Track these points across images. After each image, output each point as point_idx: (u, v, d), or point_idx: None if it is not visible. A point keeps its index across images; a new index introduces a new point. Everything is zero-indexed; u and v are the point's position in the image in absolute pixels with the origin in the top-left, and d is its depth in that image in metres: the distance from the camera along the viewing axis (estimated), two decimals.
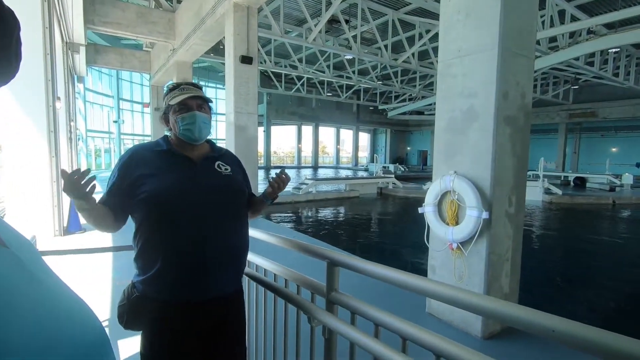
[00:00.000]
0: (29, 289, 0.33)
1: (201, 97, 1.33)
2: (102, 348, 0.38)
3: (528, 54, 2.78)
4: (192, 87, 1.33)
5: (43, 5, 4.88)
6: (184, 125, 1.28)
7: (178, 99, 1.29)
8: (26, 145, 5.01)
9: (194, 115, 1.29)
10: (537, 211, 13.34)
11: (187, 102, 1.29)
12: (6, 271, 0.32)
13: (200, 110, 1.31)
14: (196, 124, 1.29)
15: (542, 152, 23.59)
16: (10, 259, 0.34)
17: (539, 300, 5.24)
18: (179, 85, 1.33)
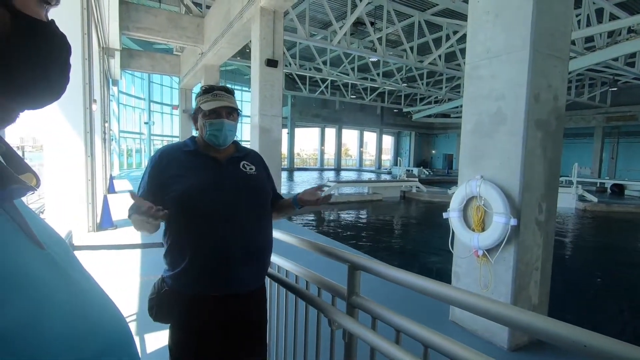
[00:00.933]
0: (63, 289, 0.35)
1: (231, 106, 1.34)
2: (125, 343, 0.40)
3: (562, 55, 2.67)
4: (225, 94, 1.35)
5: (83, 14, 5.16)
6: (211, 130, 1.32)
7: (210, 106, 1.31)
8: (65, 145, 5.30)
9: (222, 123, 1.32)
10: (570, 219, 12.72)
11: (217, 110, 1.32)
12: (43, 273, 0.34)
13: (228, 118, 1.33)
14: (222, 131, 1.32)
15: (575, 157, 22.49)
16: (46, 260, 0.36)
17: (571, 313, 5.00)
18: (212, 89, 1.35)
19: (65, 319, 0.32)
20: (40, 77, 0.37)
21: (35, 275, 0.32)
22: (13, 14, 0.34)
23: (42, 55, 0.37)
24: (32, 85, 0.37)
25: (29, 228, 0.36)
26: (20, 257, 0.32)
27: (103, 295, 0.42)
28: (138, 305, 3.11)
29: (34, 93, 0.38)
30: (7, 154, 0.40)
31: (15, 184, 0.34)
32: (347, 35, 11.59)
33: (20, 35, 0.34)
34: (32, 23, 0.36)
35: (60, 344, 0.30)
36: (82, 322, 0.34)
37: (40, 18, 0.37)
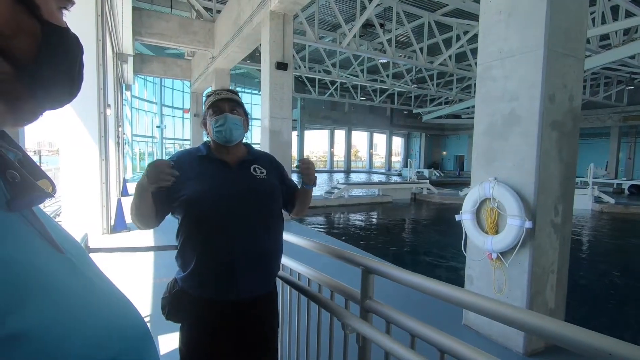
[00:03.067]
0: (82, 291, 0.36)
1: (233, 100, 1.37)
2: (145, 343, 0.40)
3: (577, 54, 2.62)
4: (226, 92, 1.39)
5: (97, 21, 5.28)
6: (216, 126, 1.33)
7: (211, 102, 1.36)
8: (80, 149, 5.42)
9: (225, 117, 1.33)
10: (587, 221, 12.43)
11: (219, 104, 1.35)
12: (63, 276, 0.34)
13: (232, 113, 1.35)
14: (226, 124, 1.33)
15: (591, 157, 21.99)
16: (65, 264, 0.37)
17: (590, 319, 4.88)
18: (215, 92, 1.40)
19: (86, 320, 0.33)
20: (62, 79, 0.39)
21: (55, 278, 0.33)
22: (43, 24, 0.36)
23: (65, 59, 0.39)
24: (55, 87, 0.39)
25: (47, 233, 0.37)
26: (40, 261, 0.33)
27: (121, 296, 0.43)
28: (151, 307, 3.15)
29: (56, 94, 0.40)
30: (23, 161, 0.41)
31: (34, 192, 0.34)
32: (356, 37, 11.58)
33: (48, 43, 0.36)
34: (58, 31, 0.37)
35: (81, 345, 0.30)
36: (102, 323, 0.35)
37: (62, 25, 0.39)
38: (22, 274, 0.29)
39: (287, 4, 6.72)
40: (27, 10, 0.34)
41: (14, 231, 0.32)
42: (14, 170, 0.33)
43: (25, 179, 0.34)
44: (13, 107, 0.37)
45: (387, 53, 12.47)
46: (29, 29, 0.35)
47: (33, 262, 0.31)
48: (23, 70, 0.35)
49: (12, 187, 0.33)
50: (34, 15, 0.35)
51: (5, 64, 0.34)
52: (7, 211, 0.32)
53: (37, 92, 0.37)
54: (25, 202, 0.34)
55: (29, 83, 0.36)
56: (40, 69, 0.36)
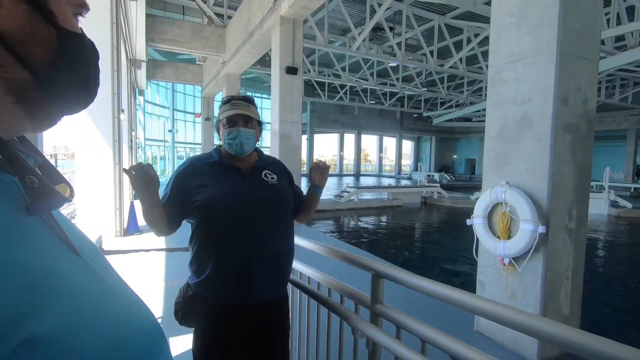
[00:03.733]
0: (99, 293, 0.37)
1: (247, 115, 1.37)
2: (160, 345, 0.41)
3: (591, 56, 2.58)
4: (243, 103, 1.38)
5: (112, 28, 5.40)
6: (229, 139, 1.35)
7: (226, 114, 1.36)
8: (94, 153, 5.53)
9: (238, 131, 1.34)
10: (603, 226, 12.13)
11: (234, 118, 1.35)
12: (80, 279, 0.35)
13: (246, 126, 1.36)
14: (238, 139, 1.34)
15: (607, 160, 21.49)
16: (83, 266, 0.38)
17: (605, 327, 4.75)
18: (231, 100, 1.39)
19: (103, 323, 0.33)
20: (79, 85, 0.40)
21: (73, 281, 0.33)
22: (58, 31, 0.37)
23: (80, 65, 0.40)
24: (72, 92, 0.40)
25: (66, 236, 0.38)
26: (58, 265, 0.33)
27: (136, 299, 0.43)
28: (163, 309, 3.19)
29: (73, 99, 0.41)
30: (43, 165, 0.42)
31: (53, 196, 0.35)
32: (366, 41, 11.59)
33: (64, 49, 0.37)
34: (73, 37, 0.38)
35: (98, 348, 0.31)
36: (118, 325, 0.35)
37: (78, 31, 0.40)
38: (40, 278, 0.29)
39: (297, 9, 6.77)
40: (42, 17, 0.35)
41: (33, 235, 0.33)
42: (33, 176, 0.34)
43: (44, 184, 0.35)
44: (32, 113, 0.38)
45: (397, 56, 12.45)
46: (44, 35, 0.36)
47: (51, 266, 0.32)
48: (40, 76, 0.36)
49: (31, 191, 0.34)
50: (50, 22, 0.36)
51: (23, 71, 0.35)
52: (27, 215, 0.33)
53: (54, 98, 0.38)
54: (43, 206, 0.34)
55: (46, 88, 0.37)
56: (56, 74, 0.37)
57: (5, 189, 0.33)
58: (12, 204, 0.33)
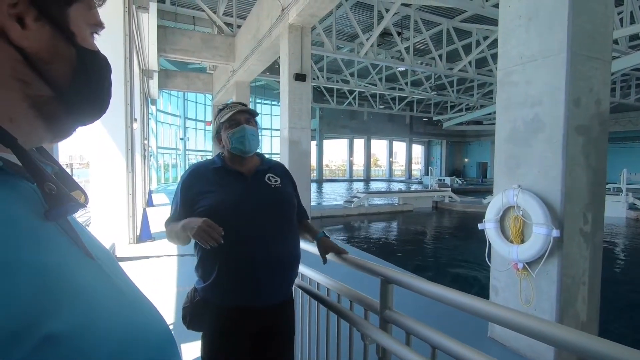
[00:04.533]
0: (112, 297, 0.38)
1: (248, 112, 1.42)
2: (171, 349, 0.42)
3: (603, 57, 2.54)
4: (239, 105, 1.44)
5: (125, 40, 5.55)
6: (235, 138, 1.37)
7: (228, 116, 1.39)
8: (108, 162, 5.65)
9: (244, 129, 1.37)
10: (621, 229, 11.80)
11: (235, 117, 1.39)
12: (94, 282, 0.36)
13: (248, 124, 1.39)
14: (246, 136, 1.37)
15: (624, 162, 20.95)
16: (97, 270, 0.39)
17: (625, 333, 4.60)
18: (227, 105, 1.45)
19: (116, 325, 0.34)
20: (94, 98, 0.43)
21: (88, 284, 0.35)
22: (77, 49, 0.39)
23: (97, 80, 0.43)
24: (88, 105, 0.43)
25: (80, 240, 0.39)
26: (75, 267, 0.35)
27: (148, 303, 0.44)
28: (174, 316, 3.21)
29: (92, 112, 0.44)
30: (59, 173, 0.44)
31: (69, 202, 0.37)
32: (374, 46, 11.62)
33: (82, 67, 0.40)
34: (91, 55, 0.41)
35: (112, 348, 0.32)
36: (129, 328, 0.36)
37: (94, 48, 0.42)
38: (57, 279, 0.31)
39: (305, 17, 6.85)
40: (64, 37, 0.38)
41: (51, 239, 0.35)
42: (51, 183, 0.36)
43: (61, 191, 0.36)
44: (51, 125, 0.40)
45: (405, 61, 12.44)
46: (66, 54, 0.38)
47: (68, 268, 0.33)
48: (60, 91, 0.38)
49: (49, 198, 0.35)
50: (70, 41, 0.38)
51: (45, 87, 0.37)
52: (45, 220, 0.35)
53: (72, 111, 0.41)
54: (60, 212, 0.36)
55: (65, 103, 0.39)
56: (75, 90, 0.40)
57: (26, 196, 0.35)
58: (32, 210, 0.34)
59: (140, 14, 6.83)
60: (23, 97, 0.36)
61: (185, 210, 1.34)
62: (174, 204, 1.39)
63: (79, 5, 0.40)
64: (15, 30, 0.34)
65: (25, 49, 0.35)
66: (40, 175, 0.35)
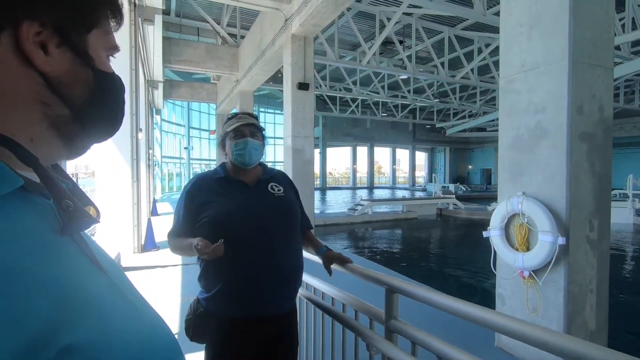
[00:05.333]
0: (123, 309, 0.39)
1: (254, 125, 1.42)
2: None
3: (605, 64, 2.54)
4: (248, 117, 1.44)
5: (131, 52, 5.64)
6: (237, 150, 1.38)
7: (233, 126, 1.41)
8: (113, 171, 5.70)
9: (247, 141, 1.38)
10: (628, 236, 11.64)
11: (240, 129, 1.40)
12: (106, 295, 0.37)
13: (252, 137, 1.40)
14: (247, 149, 1.38)
15: (630, 167, 20.78)
16: (108, 283, 0.40)
17: (636, 343, 4.51)
18: (236, 115, 1.46)
19: (129, 338, 0.35)
20: (109, 117, 0.45)
21: (100, 296, 0.36)
22: (95, 73, 0.42)
23: (115, 100, 0.45)
24: (104, 124, 0.45)
25: (93, 254, 0.40)
26: (87, 281, 0.36)
27: (155, 315, 0.45)
28: (178, 326, 3.20)
29: (107, 130, 0.46)
30: (73, 189, 0.45)
31: (84, 218, 0.38)
32: (376, 55, 11.71)
33: (100, 88, 0.42)
34: (107, 77, 0.44)
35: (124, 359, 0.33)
36: (141, 339, 0.37)
37: (110, 71, 0.45)
38: (73, 292, 0.32)
39: (307, 27, 6.93)
40: (83, 61, 0.40)
41: (66, 254, 0.36)
42: (68, 200, 0.37)
43: (77, 207, 0.38)
44: (68, 144, 0.42)
45: (407, 69, 12.52)
46: (84, 77, 0.41)
47: (82, 282, 0.34)
48: (78, 112, 0.41)
49: (66, 214, 0.37)
50: (89, 65, 0.41)
51: (65, 109, 0.40)
52: (61, 235, 0.36)
53: (88, 130, 0.43)
54: (76, 227, 0.38)
55: (82, 123, 0.42)
56: (92, 110, 0.42)
57: (45, 212, 0.37)
58: (49, 226, 0.36)
59: (146, 26, 6.95)
60: (43, 118, 0.38)
61: (189, 221, 1.34)
62: (177, 215, 1.40)
63: (98, 31, 0.42)
64: (39, 57, 0.36)
65: (48, 74, 0.37)
66: (59, 193, 0.37)
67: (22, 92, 0.36)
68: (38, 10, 0.36)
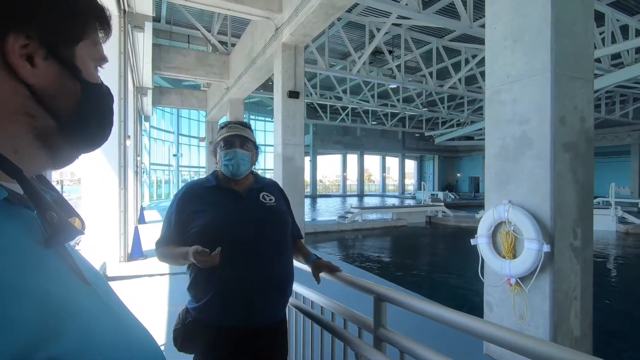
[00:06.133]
0: (107, 322, 0.38)
1: (244, 136, 1.41)
2: None
3: (585, 76, 2.63)
4: (239, 126, 1.44)
5: (120, 58, 5.60)
6: (225, 160, 1.38)
7: (223, 136, 1.41)
8: (100, 178, 5.61)
9: (235, 152, 1.38)
10: (612, 243, 11.90)
11: (230, 139, 1.40)
12: (90, 307, 0.37)
13: (242, 148, 1.39)
14: (235, 159, 1.37)
15: (612, 176, 21.33)
16: (92, 295, 0.40)
17: (621, 349, 4.59)
18: (228, 124, 1.45)
19: (112, 348, 0.35)
20: (97, 128, 0.45)
21: (85, 309, 0.36)
22: (82, 84, 0.41)
23: (102, 111, 0.45)
24: (91, 135, 0.45)
25: (77, 266, 0.40)
26: (73, 293, 0.36)
27: (139, 325, 0.45)
28: (165, 336, 3.14)
29: (93, 140, 0.45)
30: (57, 201, 0.45)
31: (68, 230, 0.38)
32: (366, 64, 11.87)
33: (87, 99, 0.42)
34: (94, 87, 0.43)
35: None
36: (126, 352, 0.37)
37: (98, 81, 0.44)
38: (56, 304, 0.32)
39: (298, 36, 7.00)
40: (70, 73, 0.40)
41: (51, 266, 0.36)
42: (52, 212, 0.37)
43: (61, 219, 0.37)
44: (54, 155, 0.42)
45: (396, 78, 12.70)
46: (71, 88, 0.40)
47: (65, 294, 0.34)
48: (64, 123, 0.40)
49: (50, 226, 0.36)
50: (76, 76, 0.41)
51: (50, 120, 0.39)
52: (45, 247, 0.36)
53: (74, 141, 0.43)
54: (60, 239, 0.37)
55: (68, 134, 0.41)
56: (79, 121, 0.42)
57: (29, 224, 0.37)
58: (33, 238, 0.36)
59: (135, 32, 6.92)
60: (28, 130, 0.38)
61: (179, 229, 1.33)
62: (167, 223, 1.38)
63: (85, 43, 0.42)
64: (25, 69, 0.36)
65: (34, 86, 0.37)
66: (43, 205, 0.37)
67: (8, 105, 0.36)
68: (25, 23, 0.36)
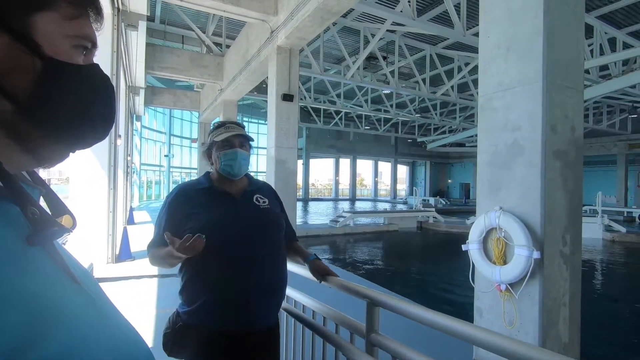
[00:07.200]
0: (97, 321, 0.37)
1: (244, 136, 1.40)
2: None
3: (576, 86, 2.68)
4: (236, 126, 1.42)
5: (112, 56, 5.54)
6: (226, 161, 1.36)
7: (223, 136, 1.37)
8: (89, 178, 5.51)
9: (236, 152, 1.36)
10: (598, 251, 12.11)
11: (230, 139, 1.37)
12: (80, 307, 0.36)
13: (241, 148, 1.38)
14: (237, 160, 1.36)
15: (599, 185, 21.78)
16: (82, 294, 0.38)
17: (607, 355, 4.65)
18: (224, 124, 1.42)
19: (101, 349, 0.34)
20: (83, 118, 0.40)
21: (74, 309, 0.34)
22: (44, 60, 0.36)
23: (82, 97, 0.39)
24: (76, 127, 0.39)
25: (65, 265, 0.39)
26: (61, 292, 0.34)
27: (129, 326, 0.44)
28: (153, 339, 3.08)
29: (79, 133, 0.40)
30: (47, 196, 0.43)
31: (53, 227, 0.36)
32: (360, 69, 11.95)
33: (50, 79, 0.36)
34: (62, 66, 0.37)
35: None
36: (115, 353, 0.36)
37: (73, 62, 0.39)
38: (44, 305, 0.30)
39: (293, 39, 7.01)
40: (24, 47, 0.35)
41: (37, 264, 0.34)
42: (34, 207, 0.35)
43: (44, 216, 0.36)
44: (27, 147, 0.37)
45: (390, 84, 12.80)
46: (26, 65, 0.35)
47: (54, 294, 0.33)
48: (23, 106, 0.35)
49: (32, 222, 0.34)
50: (34, 52, 0.35)
51: (4, 101, 0.35)
52: (30, 245, 0.34)
53: (51, 132, 0.38)
54: (44, 237, 0.35)
55: (33, 120, 0.36)
56: (42, 104, 0.36)
57: (14, 220, 0.34)
58: (18, 234, 0.34)
59: (129, 31, 6.86)
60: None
61: (171, 232, 1.31)
62: (158, 226, 1.35)
63: (49, 15, 0.37)
64: None
65: None
66: (23, 199, 0.35)
67: None
68: None
